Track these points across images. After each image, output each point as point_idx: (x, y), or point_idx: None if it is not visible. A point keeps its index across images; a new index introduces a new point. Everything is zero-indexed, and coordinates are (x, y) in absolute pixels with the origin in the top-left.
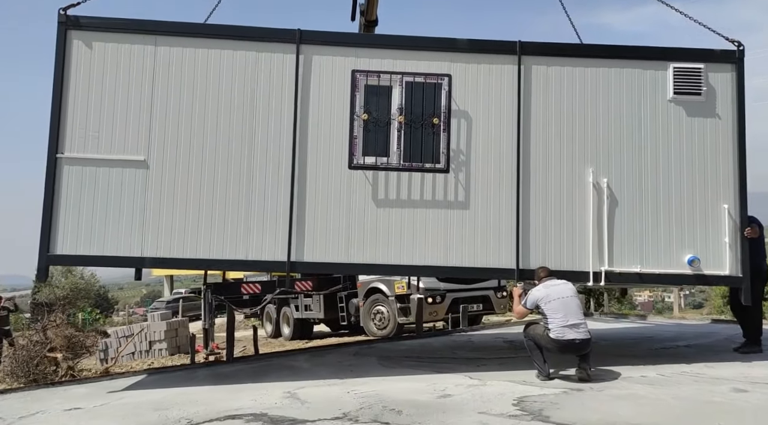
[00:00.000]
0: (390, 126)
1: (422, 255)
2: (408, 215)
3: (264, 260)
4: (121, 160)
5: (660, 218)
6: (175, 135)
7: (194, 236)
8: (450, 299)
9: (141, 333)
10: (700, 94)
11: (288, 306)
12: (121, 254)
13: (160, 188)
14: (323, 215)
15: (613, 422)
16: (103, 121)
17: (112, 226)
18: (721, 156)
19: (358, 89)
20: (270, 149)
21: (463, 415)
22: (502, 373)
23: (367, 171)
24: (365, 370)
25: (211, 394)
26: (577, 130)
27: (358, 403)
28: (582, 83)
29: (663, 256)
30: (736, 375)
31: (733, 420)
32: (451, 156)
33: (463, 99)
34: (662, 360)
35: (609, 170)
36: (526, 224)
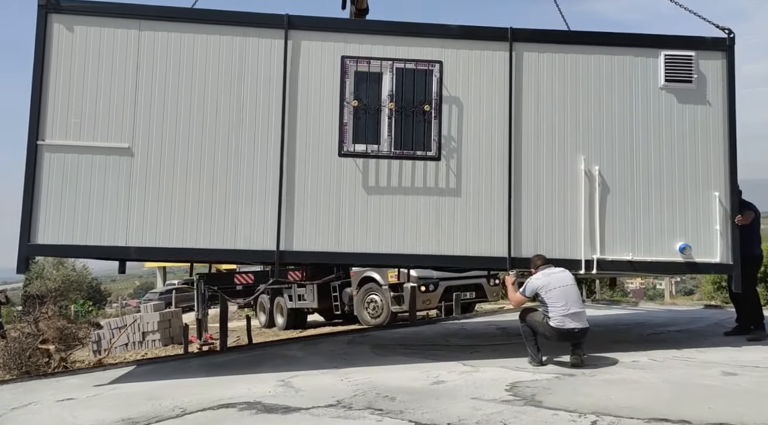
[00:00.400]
0: (380, 113)
1: (413, 245)
2: (399, 203)
3: (252, 249)
4: (105, 147)
5: (651, 205)
6: (161, 122)
7: (181, 225)
8: (443, 287)
9: (134, 324)
10: (691, 82)
11: (281, 296)
12: (104, 244)
13: (145, 177)
14: (313, 203)
15: (605, 406)
16: (86, 107)
17: (96, 215)
18: (711, 144)
19: (347, 76)
20: (258, 137)
21: (456, 401)
22: (495, 360)
23: (357, 159)
24: (359, 358)
25: (204, 383)
26: (569, 117)
27: (352, 390)
28: (574, 70)
29: (654, 244)
30: (726, 359)
31: (722, 403)
32: (443, 144)
33: (454, 86)
34: (653, 346)
35: (601, 157)
36: (518, 213)
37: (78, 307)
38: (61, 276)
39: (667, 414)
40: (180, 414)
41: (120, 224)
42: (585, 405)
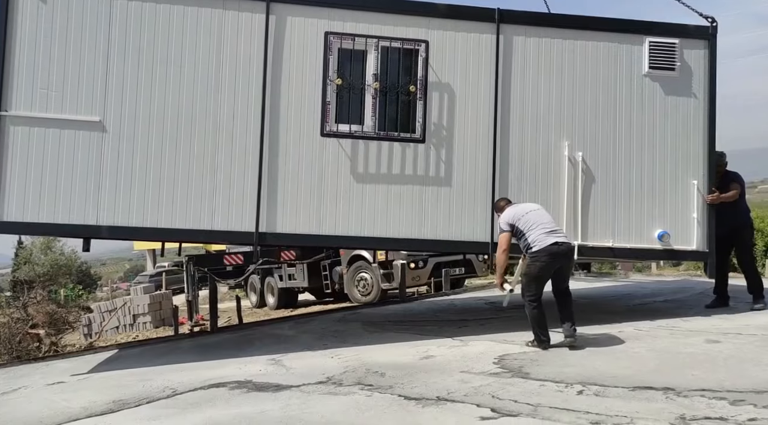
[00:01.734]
0: (364, 93)
1: (396, 228)
2: (382, 186)
3: (231, 230)
4: (74, 120)
5: (632, 193)
6: (134, 96)
7: (155, 204)
8: (432, 263)
9: (124, 307)
10: (674, 70)
11: (272, 276)
12: (73, 222)
13: (118, 152)
14: (294, 184)
15: (591, 375)
16: (53, 78)
17: (64, 192)
18: (691, 133)
19: (331, 53)
20: (237, 114)
21: (446, 375)
22: (484, 334)
23: (340, 139)
24: (349, 336)
25: (195, 364)
26: (554, 102)
27: (342, 367)
28: (560, 55)
29: (634, 231)
30: (709, 327)
31: (705, 370)
32: (428, 126)
33: (440, 67)
34: (640, 316)
35: (584, 144)
36: (499, 195)
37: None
38: (50, 261)
39: (651, 382)
40: (171, 395)
41: (90, 201)
42: (571, 375)
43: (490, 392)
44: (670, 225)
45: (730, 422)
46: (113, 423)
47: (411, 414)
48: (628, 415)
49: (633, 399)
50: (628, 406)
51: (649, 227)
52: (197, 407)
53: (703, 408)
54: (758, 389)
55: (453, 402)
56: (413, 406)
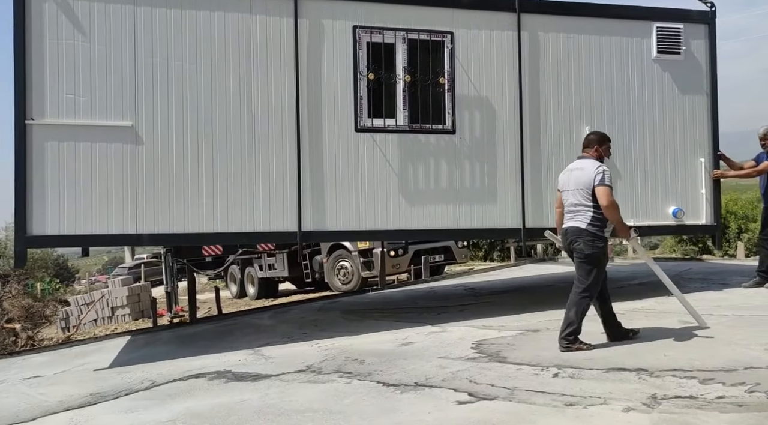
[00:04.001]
0: (396, 86)
1: (433, 219)
2: (417, 178)
3: (273, 231)
4: (105, 126)
5: (648, 173)
6: (165, 100)
7: (195, 208)
8: (412, 251)
9: (102, 300)
10: (679, 54)
11: (252, 266)
12: (113, 233)
13: (153, 157)
14: (332, 181)
15: (566, 359)
16: (80, 83)
17: (100, 201)
18: (697, 113)
19: (360, 47)
20: (272, 114)
21: (424, 360)
22: (463, 320)
23: (374, 134)
24: (329, 324)
25: (174, 355)
26: (573, 88)
27: (322, 356)
28: (576, 42)
29: (651, 209)
30: (682, 309)
31: (677, 350)
32: (457, 117)
33: (466, 57)
34: (616, 298)
35: (602, 127)
36: (527, 183)
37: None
38: None
39: (625, 364)
40: (149, 386)
41: (128, 209)
42: (548, 358)
43: (468, 376)
44: (681, 202)
45: (699, 400)
46: (91, 415)
47: (390, 400)
48: (602, 396)
49: (607, 381)
50: (602, 387)
51: (663, 205)
52: (176, 398)
53: (674, 388)
54: (727, 368)
55: (431, 387)
56: (392, 392)
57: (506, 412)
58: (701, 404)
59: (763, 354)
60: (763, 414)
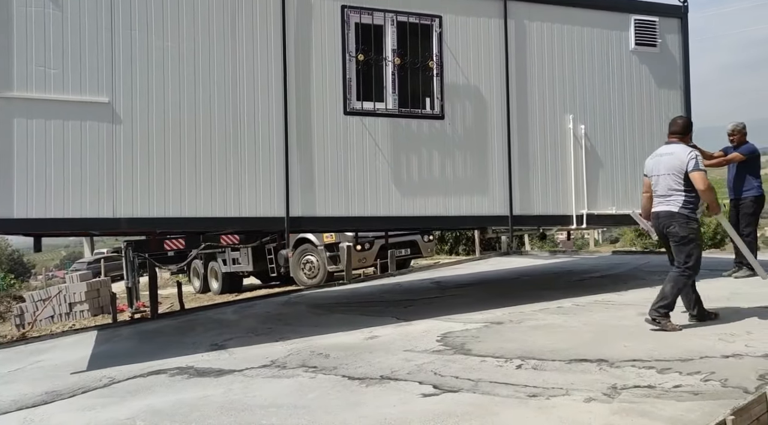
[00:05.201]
0: (385, 69)
1: (423, 205)
2: (406, 164)
3: (259, 216)
4: (79, 102)
5: (627, 162)
6: (146, 76)
7: (177, 191)
8: (378, 245)
9: (59, 295)
10: (655, 46)
11: (215, 261)
12: (87, 216)
13: (132, 137)
14: (320, 165)
15: (530, 350)
16: (51, 54)
17: (74, 182)
18: (671, 104)
19: (349, 28)
20: (258, 92)
21: (390, 354)
22: (428, 313)
23: (363, 117)
24: (294, 319)
25: (134, 352)
26: (557, 77)
27: (286, 350)
28: (560, 31)
29: (630, 198)
30: (641, 300)
31: (636, 341)
32: (446, 102)
33: (454, 42)
34: (578, 291)
35: (585, 117)
36: (514, 171)
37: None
38: None
39: (586, 354)
40: (108, 384)
41: (105, 192)
42: (511, 350)
43: (433, 369)
44: None
45: (657, 389)
46: (46, 415)
47: (354, 394)
48: (564, 387)
49: (569, 372)
50: (564, 378)
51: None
52: (136, 395)
53: (633, 378)
54: (684, 357)
55: (396, 380)
56: (357, 386)
57: (470, 404)
58: (659, 393)
59: (717, 344)
60: (718, 402)
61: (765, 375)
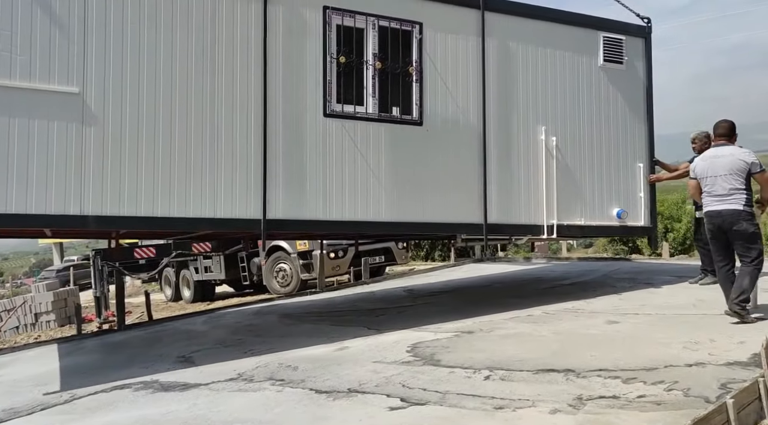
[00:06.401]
0: (366, 73)
1: (400, 211)
2: (385, 169)
3: (235, 218)
4: (46, 91)
5: (594, 175)
6: (119, 68)
7: (150, 190)
8: (352, 253)
9: (24, 306)
10: (621, 64)
11: (187, 269)
12: (51, 213)
13: (102, 129)
14: (299, 167)
15: (499, 360)
16: (17, 39)
17: (38, 177)
18: (636, 120)
19: (330, 29)
20: (237, 89)
21: (359, 366)
22: (400, 322)
23: (343, 120)
24: (265, 329)
25: (98, 365)
26: (530, 88)
27: (254, 363)
28: (535, 44)
29: (597, 210)
30: (610, 308)
31: (603, 350)
32: (424, 108)
33: (433, 49)
34: (548, 299)
35: (557, 129)
36: (489, 180)
37: None
38: None
39: (554, 364)
40: (68, 400)
41: (72, 188)
42: (480, 360)
43: (401, 381)
44: (622, 204)
45: (622, 399)
46: None
47: (321, 408)
48: (531, 398)
49: (536, 382)
50: (531, 389)
51: (608, 206)
52: (97, 412)
53: (599, 388)
54: (649, 366)
55: (364, 393)
56: (324, 399)
57: (437, 417)
58: (623, 404)
59: (681, 352)
60: (680, 412)
61: (726, 384)
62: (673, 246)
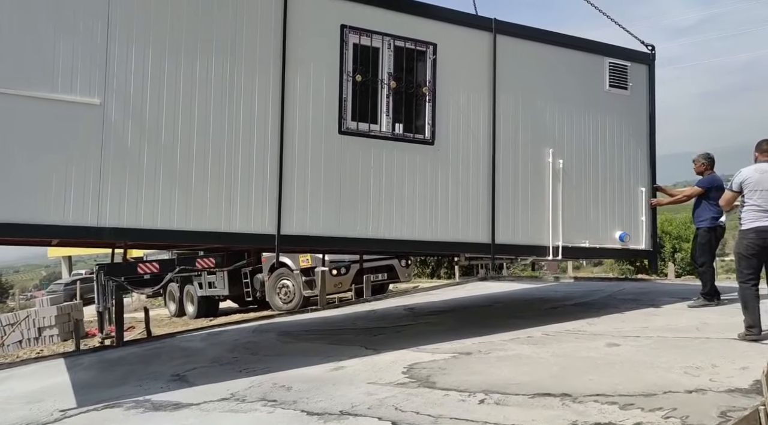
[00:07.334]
0: (381, 91)
1: (411, 230)
2: (398, 187)
3: (250, 233)
4: (68, 102)
5: (598, 198)
6: (140, 82)
7: (168, 203)
8: (355, 269)
9: (28, 319)
10: (626, 89)
11: (191, 284)
12: (69, 224)
13: (122, 141)
14: (314, 183)
15: (495, 383)
16: (41, 53)
17: (57, 187)
18: (639, 145)
19: (347, 47)
20: (256, 102)
21: (353, 387)
22: (398, 342)
23: (357, 138)
24: (262, 347)
25: (93, 382)
26: (539, 111)
27: (248, 382)
28: (544, 67)
29: (601, 232)
30: (612, 330)
31: (602, 374)
32: (436, 128)
33: (446, 70)
34: (549, 320)
35: (563, 152)
36: (498, 200)
37: None
38: None
39: (551, 388)
40: (59, 418)
41: (90, 198)
42: (476, 383)
43: (394, 404)
44: (626, 227)
45: None
46: None
47: None
48: (525, 423)
49: (531, 407)
50: (526, 414)
51: (611, 229)
52: None
53: (595, 414)
54: (647, 392)
55: (355, 416)
56: (315, 422)
57: None
58: None
59: (681, 378)
60: None
61: (726, 413)
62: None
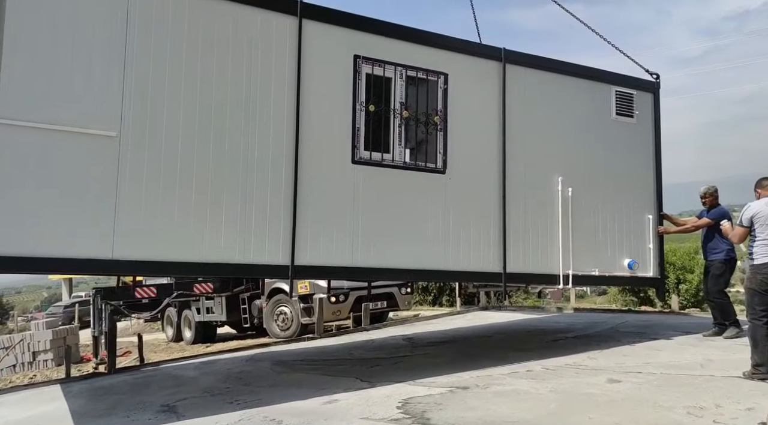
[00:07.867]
0: (393, 121)
1: (425, 259)
2: (410, 217)
3: (264, 263)
4: (84, 134)
5: (607, 225)
6: (154, 114)
7: (184, 234)
8: (354, 297)
9: (22, 343)
10: (632, 117)
11: (189, 309)
12: (81, 257)
13: (139, 175)
14: (329, 214)
15: (491, 420)
16: (56, 83)
17: (69, 220)
18: (646, 172)
19: (360, 77)
20: (271, 132)
21: (345, 422)
22: (394, 374)
23: (370, 167)
24: (255, 378)
25: (79, 412)
26: (547, 139)
27: (238, 416)
28: (552, 95)
29: (610, 260)
30: (613, 364)
31: (602, 412)
32: (448, 157)
33: (457, 99)
34: (550, 353)
35: (572, 179)
36: (509, 228)
37: None
38: None
39: None
40: None
41: (104, 231)
42: (472, 420)
43: None
44: (634, 255)
45: None
46: None
47: None
48: None
49: None
50: None
51: (620, 257)
52: None
53: None
54: None
55: None
56: None
57: None
58: None
59: (684, 418)
60: None
61: None
62: (685, 298)
